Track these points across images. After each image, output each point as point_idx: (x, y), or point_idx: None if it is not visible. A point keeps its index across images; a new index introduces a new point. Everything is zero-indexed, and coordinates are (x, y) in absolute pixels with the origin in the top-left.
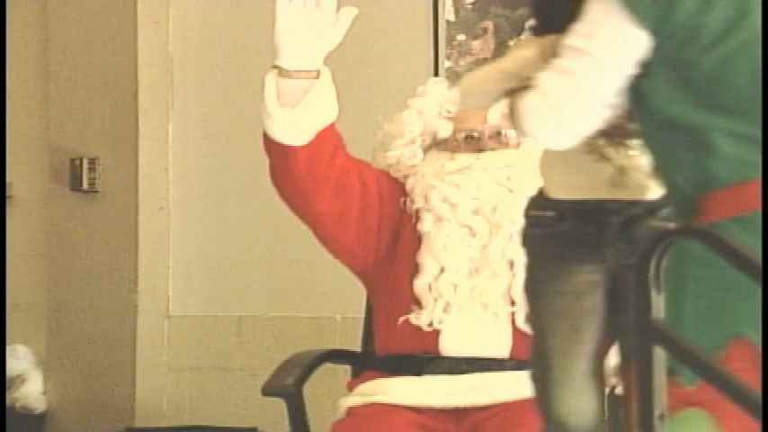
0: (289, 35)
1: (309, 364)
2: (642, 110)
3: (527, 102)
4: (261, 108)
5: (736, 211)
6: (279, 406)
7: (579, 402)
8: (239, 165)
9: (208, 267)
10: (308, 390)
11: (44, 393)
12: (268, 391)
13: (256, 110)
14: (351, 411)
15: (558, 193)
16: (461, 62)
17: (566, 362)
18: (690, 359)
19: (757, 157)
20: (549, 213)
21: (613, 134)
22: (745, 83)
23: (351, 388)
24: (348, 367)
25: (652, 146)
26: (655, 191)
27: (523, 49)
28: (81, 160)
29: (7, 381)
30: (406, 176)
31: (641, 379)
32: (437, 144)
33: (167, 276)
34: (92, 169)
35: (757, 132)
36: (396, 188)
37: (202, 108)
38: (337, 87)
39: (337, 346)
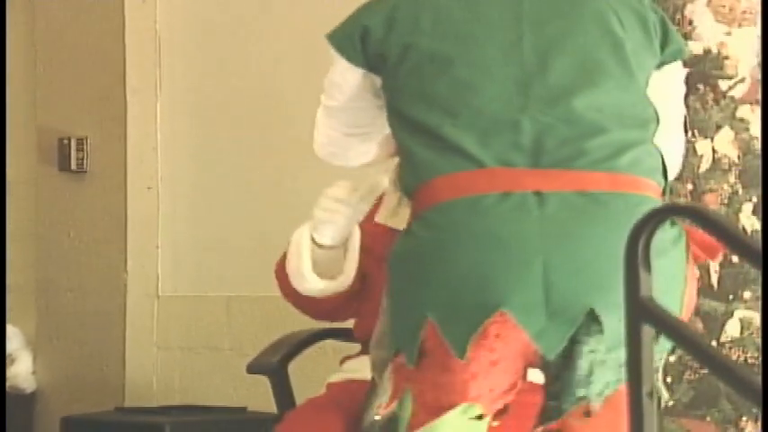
0: (328, 220)
1: (298, 342)
2: None
3: None
4: (296, 269)
5: (419, 209)
6: (268, 385)
7: None
8: (228, 144)
9: (197, 247)
10: (305, 369)
11: (34, 373)
12: (252, 368)
13: (244, 89)
14: (328, 386)
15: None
16: None
17: None
18: (678, 336)
19: (436, 158)
20: None
21: None
22: (420, 100)
23: (342, 365)
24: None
25: None
26: None
27: None
28: (69, 140)
29: None
30: None
31: (630, 356)
32: None
33: (156, 256)
34: (80, 149)
35: (435, 141)
36: None
37: (191, 87)
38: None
39: (325, 327)
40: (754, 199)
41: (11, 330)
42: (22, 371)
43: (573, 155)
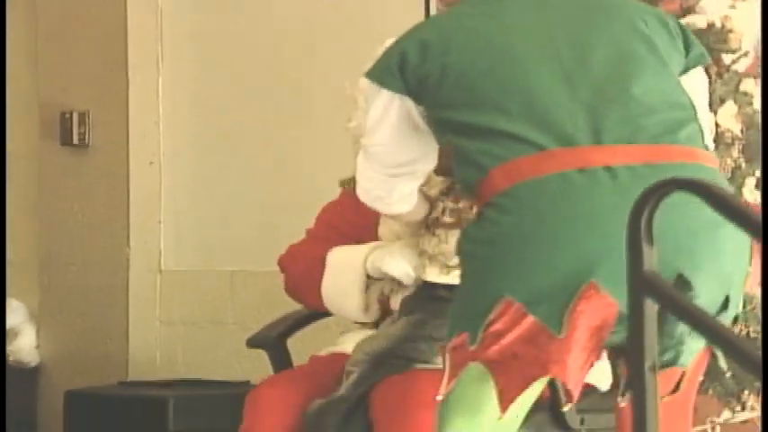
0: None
1: (300, 318)
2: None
3: None
4: (343, 301)
5: (488, 196)
6: None
7: None
8: (230, 118)
9: (200, 222)
10: (307, 343)
11: (37, 347)
12: (251, 342)
13: (247, 62)
14: (311, 358)
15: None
16: None
17: None
18: (680, 310)
19: (496, 148)
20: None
21: (431, 225)
22: (469, 106)
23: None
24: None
25: None
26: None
27: None
28: (71, 114)
29: None
30: None
31: (633, 330)
32: None
33: (159, 231)
34: (82, 123)
35: (493, 136)
36: None
37: (192, 61)
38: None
39: None
40: (758, 173)
41: (14, 304)
42: (25, 345)
43: (632, 132)
